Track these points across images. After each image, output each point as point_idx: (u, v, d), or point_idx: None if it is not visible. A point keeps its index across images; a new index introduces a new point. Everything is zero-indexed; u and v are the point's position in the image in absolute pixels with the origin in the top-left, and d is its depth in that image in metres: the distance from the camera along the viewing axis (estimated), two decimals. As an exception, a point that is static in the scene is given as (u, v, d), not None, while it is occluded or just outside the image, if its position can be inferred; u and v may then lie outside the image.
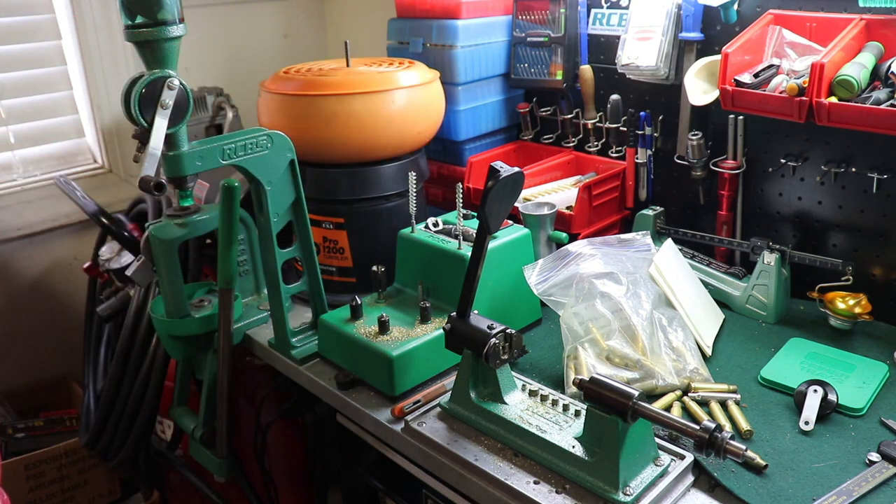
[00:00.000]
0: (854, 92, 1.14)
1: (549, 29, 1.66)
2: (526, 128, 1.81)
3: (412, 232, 1.31)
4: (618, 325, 1.16)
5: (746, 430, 1.03)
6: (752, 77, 1.26)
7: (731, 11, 1.39)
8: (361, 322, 1.23)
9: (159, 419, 1.76)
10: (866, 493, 0.91)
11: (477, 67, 1.68)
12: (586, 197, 1.51)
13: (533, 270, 1.24)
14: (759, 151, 1.43)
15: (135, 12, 1.08)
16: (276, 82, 1.44)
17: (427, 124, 1.48)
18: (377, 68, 1.47)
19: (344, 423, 1.32)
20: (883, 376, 1.13)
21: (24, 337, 2.09)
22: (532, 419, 1.03)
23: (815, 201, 1.38)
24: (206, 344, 1.41)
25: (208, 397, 1.40)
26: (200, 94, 2.06)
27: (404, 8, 1.72)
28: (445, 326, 1.07)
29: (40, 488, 1.89)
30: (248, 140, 1.20)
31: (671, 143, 1.56)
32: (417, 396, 1.16)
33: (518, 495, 0.95)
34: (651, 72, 1.49)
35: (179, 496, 1.91)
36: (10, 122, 1.93)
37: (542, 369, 1.22)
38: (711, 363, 1.21)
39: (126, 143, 2.07)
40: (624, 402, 0.89)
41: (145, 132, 1.09)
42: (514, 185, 0.99)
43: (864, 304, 1.25)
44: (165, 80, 1.10)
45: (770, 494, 0.92)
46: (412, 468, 1.19)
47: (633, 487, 0.91)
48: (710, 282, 1.40)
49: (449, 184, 1.74)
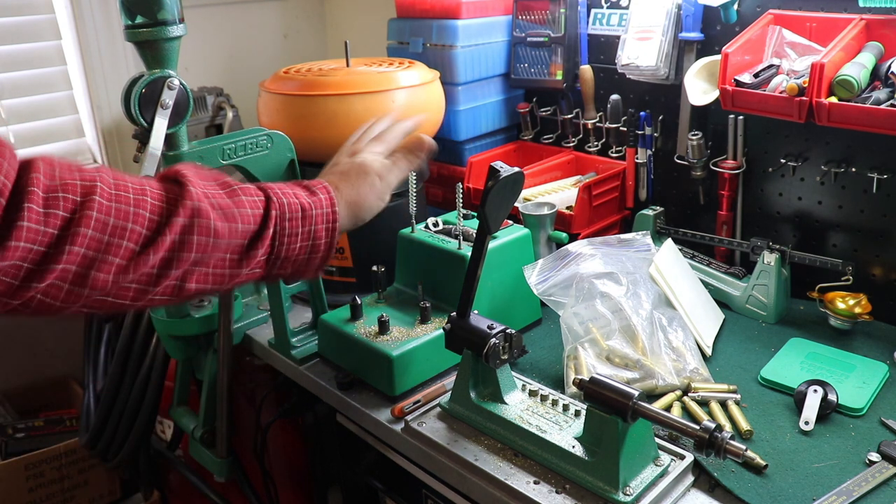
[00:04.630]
0: (854, 92, 1.14)
1: (549, 29, 1.66)
2: (526, 128, 1.81)
3: (412, 232, 1.31)
4: (618, 325, 1.16)
5: (746, 430, 1.03)
6: (752, 77, 1.26)
7: (731, 11, 1.38)
8: (361, 322, 1.23)
9: (159, 419, 1.76)
10: (866, 493, 0.91)
11: (477, 67, 1.68)
12: (586, 197, 1.51)
13: (533, 270, 1.24)
14: (759, 151, 1.43)
15: (135, 12, 1.08)
16: (276, 82, 1.44)
17: (427, 124, 1.48)
18: (377, 68, 1.47)
19: (344, 423, 1.32)
20: (883, 376, 1.13)
21: (24, 337, 2.09)
22: (532, 419, 1.03)
23: (815, 201, 1.38)
24: (206, 344, 1.41)
25: (208, 397, 1.40)
26: (200, 94, 2.06)
27: (404, 8, 1.72)
28: (445, 326, 1.07)
29: (40, 488, 1.89)
30: (248, 140, 1.20)
31: (671, 143, 1.56)
32: (417, 396, 1.15)
33: (518, 495, 0.95)
34: (651, 72, 1.49)
35: (179, 496, 1.91)
36: (10, 122, 1.93)
37: (542, 369, 1.22)
38: (711, 363, 1.21)
39: (126, 143, 2.06)
40: (624, 402, 0.89)
41: (145, 132, 1.09)
42: (514, 185, 0.99)
43: (864, 304, 1.25)
44: (165, 80, 1.10)
45: (770, 494, 0.92)
46: (412, 468, 1.19)
47: (633, 487, 0.91)
48: (710, 282, 1.40)
49: (449, 184, 1.74)
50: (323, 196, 0.89)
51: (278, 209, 0.84)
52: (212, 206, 0.78)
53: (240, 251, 0.81)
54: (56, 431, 1.98)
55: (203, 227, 0.76)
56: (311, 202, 0.87)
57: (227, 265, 0.80)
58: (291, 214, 0.85)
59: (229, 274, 0.81)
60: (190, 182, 0.78)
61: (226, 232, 0.79)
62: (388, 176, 0.98)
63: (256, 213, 0.82)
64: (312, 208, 0.87)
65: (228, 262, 0.80)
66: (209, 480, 1.65)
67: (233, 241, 0.80)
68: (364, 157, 0.99)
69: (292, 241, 0.85)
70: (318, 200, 0.88)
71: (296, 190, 0.88)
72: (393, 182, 0.99)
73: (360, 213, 0.95)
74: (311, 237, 0.86)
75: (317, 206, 0.87)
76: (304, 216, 0.86)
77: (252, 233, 0.82)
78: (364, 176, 0.96)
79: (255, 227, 0.82)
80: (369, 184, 0.95)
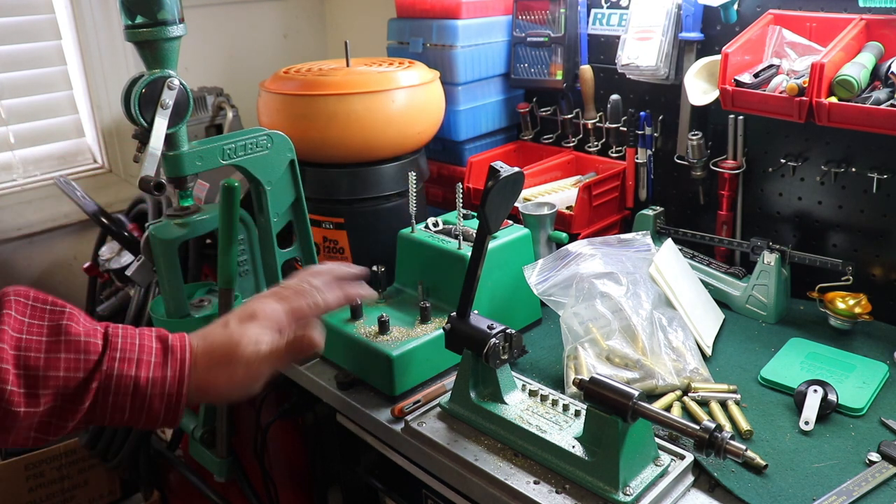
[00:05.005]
0: (854, 92, 1.14)
1: (549, 29, 1.66)
2: (526, 128, 1.81)
3: (412, 232, 1.31)
4: (618, 325, 1.16)
5: (746, 430, 1.03)
6: (752, 77, 1.26)
7: (731, 11, 1.38)
8: (361, 322, 1.23)
9: (159, 419, 1.76)
10: (866, 493, 0.91)
11: (477, 67, 1.68)
12: (586, 197, 1.51)
13: (533, 270, 1.24)
14: (759, 151, 1.43)
15: (135, 12, 1.08)
16: (276, 82, 1.44)
17: (427, 124, 1.48)
18: (377, 68, 1.47)
19: (344, 423, 1.32)
20: (883, 376, 1.13)
21: (24, 337, 2.09)
22: (532, 419, 1.03)
23: (815, 201, 1.38)
24: (206, 344, 1.41)
25: (208, 397, 1.40)
26: (200, 94, 2.06)
27: (404, 8, 1.72)
28: (445, 326, 1.07)
29: (40, 488, 1.89)
30: (248, 140, 1.20)
31: (671, 143, 1.56)
32: (417, 396, 1.15)
33: (518, 495, 0.95)
34: (651, 72, 1.49)
35: (179, 496, 1.91)
36: (10, 121, 1.93)
37: (542, 369, 1.22)
38: (711, 363, 1.21)
39: (126, 143, 2.07)
40: (624, 402, 0.89)
41: (145, 132, 1.09)
42: (514, 185, 0.99)
43: (864, 304, 1.25)
44: (165, 80, 1.10)
45: (770, 494, 0.92)
46: (412, 468, 1.19)
47: (633, 487, 0.91)
48: (710, 282, 1.40)
49: (449, 184, 1.74)
50: (169, 373, 0.79)
51: (103, 379, 0.75)
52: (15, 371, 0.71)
53: (46, 418, 0.73)
54: (56, 431, 1.98)
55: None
56: (151, 378, 0.78)
57: (30, 441, 0.74)
58: (120, 389, 0.76)
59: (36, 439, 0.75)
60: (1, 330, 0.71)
61: (23, 407, 0.71)
62: (259, 366, 0.86)
63: (76, 377, 0.74)
64: (149, 386, 0.78)
65: (33, 440, 0.74)
66: (209, 480, 1.65)
67: (35, 415, 0.72)
68: (245, 332, 0.86)
69: (115, 414, 0.77)
70: (162, 377, 0.79)
71: (142, 355, 0.79)
72: (264, 372, 0.87)
73: (212, 399, 0.87)
74: (143, 411, 0.78)
75: (155, 384, 0.78)
76: (135, 392, 0.77)
77: (67, 399, 0.74)
78: (228, 362, 0.84)
79: (71, 389, 0.74)
80: (229, 373, 0.84)
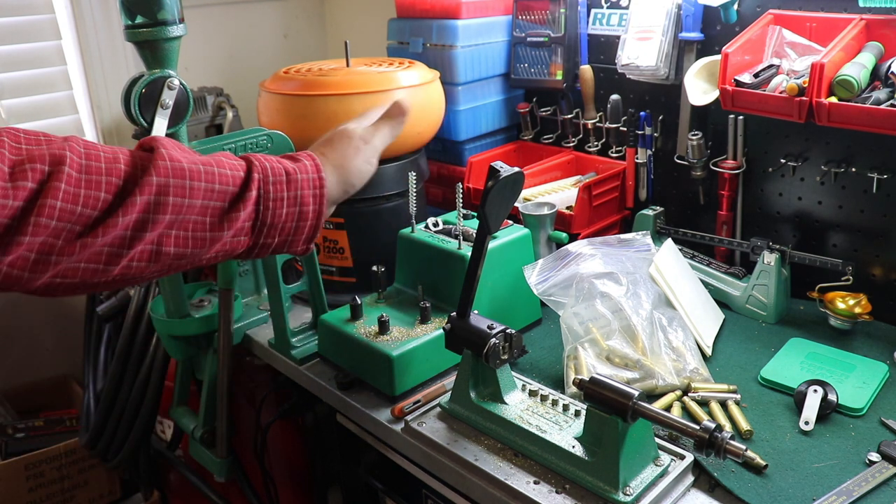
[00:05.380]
0: (854, 92, 1.14)
1: (549, 29, 1.66)
2: (526, 128, 1.81)
3: (412, 232, 1.31)
4: (618, 325, 1.16)
5: (746, 430, 1.03)
6: (752, 77, 1.26)
7: (731, 11, 1.39)
8: (361, 322, 1.23)
9: (159, 419, 1.76)
10: (866, 493, 0.91)
11: (477, 67, 1.68)
12: (586, 197, 1.51)
13: (533, 270, 1.24)
14: (759, 151, 1.43)
15: (135, 12, 1.08)
16: (276, 82, 1.44)
17: (427, 124, 1.48)
18: (377, 68, 1.47)
19: (344, 423, 1.32)
20: (883, 376, 1.13)
21: (24, 337, 2.09)
22: (532, 419, 1.03)
23: (815, 201, 1.38)
24: (206, 344, 1.41)
25: (208, 397, 1.40)
26: (200, 94, 2.06)
27: (404, 8, 1.72)
28: (445, 326, 1.07)
29: (40, 488, 1.89)
30: (248, 140, 1.20)
31: (671, 143, 1.56)
32: (417, 396, 1.16)
33: (518, 495, 0.95)
34: (651, 72, 1.49)
35: (179, 496, 1.91)
36: (10, 122, 1.93)
37: (542, 369, 1.22)
38: (711, 363, 1.21)
39: (126, 143, 2.07)
40: (624, 402, 0.89)
41: (145, 132, 1.10)
42: (514, 185, 0.99)
43: (864, 304, 1.25)
44: (165, 80, 1.10)
45: (770, 494, 0.92)
46: (412, 468, 1.19)
47: (633, 487, 0.91)
48: (710, 282, 1.40)
49: (449, 184, 1.74)
50: (307, 162, 0.87)
51: (261, 172, 0.82)
52: (186, 167, 0.77)
53: (219, 213, 0.79)
54: (56, 431, 1.98)
55: (177, 188, 0.75)
56: (295, 167, 0.85)
57: (206, 228, 0.78)
58: (275, 178, 0.83)
59: (210, 238, 0.79)
60: (163, 146, 0.77)
61: (201, 192, 0.77)
62: (373, 139, 0.96)
63: (237, 175, 0.81)
64: (297, 173, 0.85)
65: (209, 225, 0.79)
66: (209, 480, 1.65)
67: (211, 202, 0.78)
68: (345, 125, 0.98)
69: (277, 205, 0.83)
70: (302, 166, 0.86)
71: (278, 158, 0.87)
72: (378, 145, 0.97)
73: (349, 178, 0.92)
74: (297, 202, 0.84)
75: (301, 171, 0.86)
76: (288, 180, 0.84)
77: (232, 195, 0.80)
78: (348, 140, 0.94)
79: (236, 188, 0.80)
80: (354, 147, 0.94)
